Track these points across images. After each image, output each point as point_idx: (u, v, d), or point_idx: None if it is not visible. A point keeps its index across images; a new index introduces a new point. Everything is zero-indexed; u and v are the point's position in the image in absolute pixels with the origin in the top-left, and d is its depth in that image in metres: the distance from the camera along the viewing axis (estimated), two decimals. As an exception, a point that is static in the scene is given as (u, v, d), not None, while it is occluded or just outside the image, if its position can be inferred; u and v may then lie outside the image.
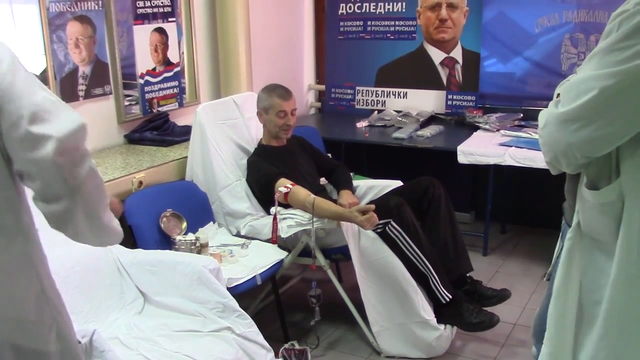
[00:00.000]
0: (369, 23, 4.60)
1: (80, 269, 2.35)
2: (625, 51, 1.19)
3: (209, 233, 2.93)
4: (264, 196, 3.05)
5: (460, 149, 3.66)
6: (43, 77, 2.83)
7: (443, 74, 4.41)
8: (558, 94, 1.37)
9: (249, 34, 3.87)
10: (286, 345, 2.75)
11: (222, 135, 3.17)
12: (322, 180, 3.34)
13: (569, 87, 1.30)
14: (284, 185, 2.89)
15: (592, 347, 1.38)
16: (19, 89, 1.10)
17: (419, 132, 3.96)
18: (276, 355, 2.54)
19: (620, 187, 1.29)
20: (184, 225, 2.85)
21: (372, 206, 2.72)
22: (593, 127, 1.24)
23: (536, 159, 3.42)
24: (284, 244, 2.95)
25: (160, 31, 3.45)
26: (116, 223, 1.29)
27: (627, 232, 1.28)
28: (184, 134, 3.34)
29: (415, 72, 4.49)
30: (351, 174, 3.39)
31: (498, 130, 3.96)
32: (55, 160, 1.09)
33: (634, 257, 1.28)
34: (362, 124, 4.30)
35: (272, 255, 2.86)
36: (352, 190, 3.25)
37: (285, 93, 3.12)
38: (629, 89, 1.19)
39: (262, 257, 2.82)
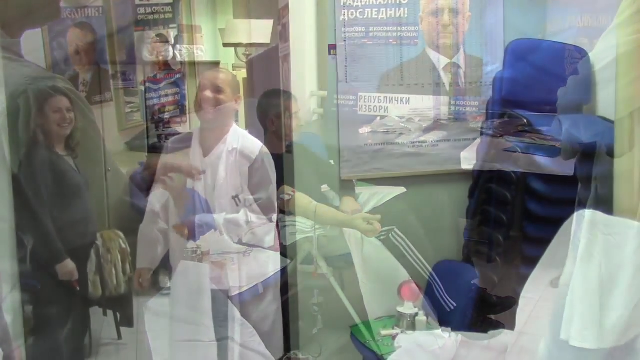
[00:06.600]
0: (371, 29, 4.58)
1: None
2: None
3: (210, 241, 2.90)
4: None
5: (464, 155, 3.63)
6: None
7: (446, 79, 4.39)
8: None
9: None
10: (288, 354, 2.72)
11: (224, 142, 3.15)
12: (324, 187, 3.32)
13: None
14: (286, 193, 2.87)
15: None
16: None
17: (422, 138, 3.94)
18: (278, 365, 2.52)
19: None
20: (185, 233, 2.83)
21: (378, 216, 2.71)
22: None
23: (540, 165, 3.39)
24: (286, 252, 2.93)
25: (162, 37, 3.44)
26: None
27: None
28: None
29: (418, 77, 4.47)
30: (354, 180, 3.37)
31: (502, 135, 3.93)
32: None
33: None
34: (364, 130, 4.28)
35: (274, 263, 2.84)
36: (355, 196, 3.23)
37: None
38: None
39: (264, 265, 2.80)
